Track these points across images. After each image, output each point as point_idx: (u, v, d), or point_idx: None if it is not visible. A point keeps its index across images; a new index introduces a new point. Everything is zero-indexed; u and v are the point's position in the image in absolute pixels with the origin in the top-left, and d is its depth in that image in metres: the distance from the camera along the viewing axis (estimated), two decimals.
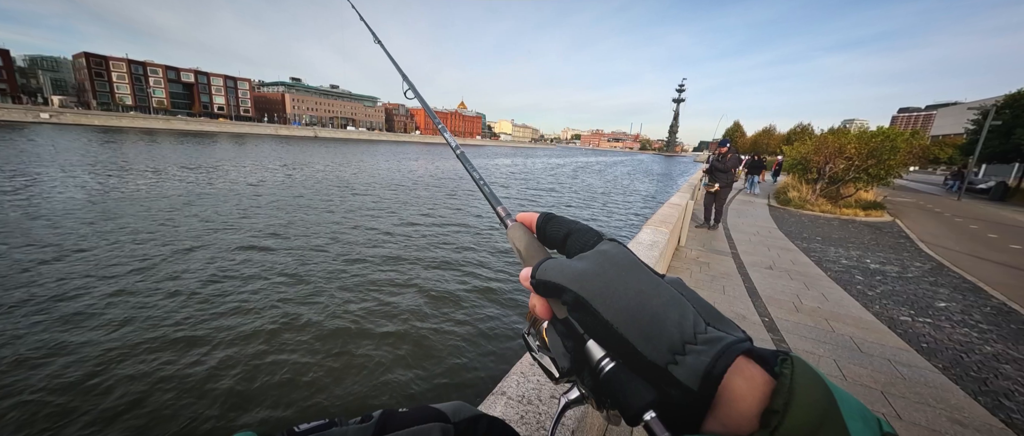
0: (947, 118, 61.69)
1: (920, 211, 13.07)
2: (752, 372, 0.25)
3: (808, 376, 0.23)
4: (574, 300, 0.29)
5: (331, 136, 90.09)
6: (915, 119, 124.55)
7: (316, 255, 7.34)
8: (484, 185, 0.50)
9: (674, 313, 0.27)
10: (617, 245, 0.33)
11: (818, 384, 0.23)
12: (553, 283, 0.31)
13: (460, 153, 0.58)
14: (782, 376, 0.24)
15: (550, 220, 0.39)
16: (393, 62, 0.80)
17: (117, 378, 3.67)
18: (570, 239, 0.36)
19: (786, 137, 46.10)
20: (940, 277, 5.49)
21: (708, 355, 0.25)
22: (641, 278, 0.29)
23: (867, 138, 11.21)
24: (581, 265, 0.31)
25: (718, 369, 0.24)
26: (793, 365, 0.24)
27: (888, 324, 3.73)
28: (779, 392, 0.23)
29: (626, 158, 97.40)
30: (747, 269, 5.21)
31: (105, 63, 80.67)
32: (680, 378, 0.25)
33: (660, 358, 0.26)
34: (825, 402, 0.22)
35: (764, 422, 0.23)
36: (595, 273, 0.30)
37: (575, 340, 0.31)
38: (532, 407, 1.07)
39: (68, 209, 9.54)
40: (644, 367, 0.27)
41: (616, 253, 0.31)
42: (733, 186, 7.59)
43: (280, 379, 3.81)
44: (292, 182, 16.91)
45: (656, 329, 0.26)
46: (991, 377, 2.89)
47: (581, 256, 0.32)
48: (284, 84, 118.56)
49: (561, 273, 0.31)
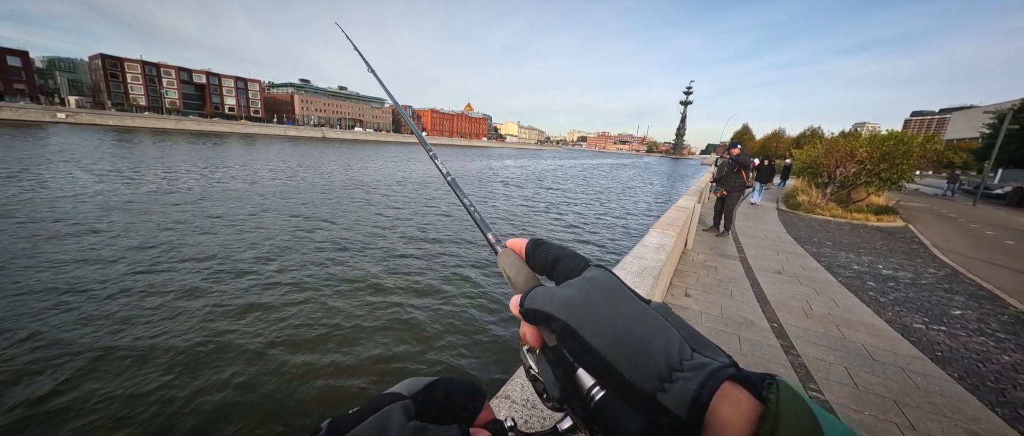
0: (962, 122, 60.61)
1: (934, 216, 12.81)
2: (739, 397, 0.25)
3: (794, 401, 0.24)
4: (562, 328, 0.29)
5: (338, 137, 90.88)
6: (928, 123, 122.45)
7: (319, 258, 7.39)
8: (475, 211, 0.49)
9: (660, 340, 0.27)
10: (603, 271, 0.33)
11: (804, 409, 0.23)
12: (541, 311, 0.31)
13: (451, 180, 0.56)
14: (768, 401, 0.24)
15: (539, 246, 0.39)
16: (385, 89, 0.82)
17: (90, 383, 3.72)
18: (559, 265, 0.36)
19: (796, 140, 45.57)
20: (955, 284, 5.36)
21: (694, 382, 0.25)
22: (627, 304, 0.29)
23: (879, 142, 11.04)
24: (568, 293, 0.31)
25: (704, 396, 0.24)
26: (779, 389, 0.24)
27: (901, 331, 3.65)
28: (766, 418, 0.23)
29: (632, 160, 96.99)
30: (755, 274, 5.13)
31: (120, 64, 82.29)
32: (668, 406, 0.25)
33: (648, 385, 0.26)
34: (811, 428, 0.22)
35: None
36: (582, 301, 0.30)
37: (565, 368, 0.31)
38: (536, 411, 1.05)
39: (106, 204, 9.73)
40: (633, 395, 0.26)
41: (602, 280, 0.32)
42: (744, 190, 7.45)
43: (281, 386, 3.83)
44: (320, 184, 17.08)
45: (643, 356, 0.26)
46: (1009, 387, 2.80)
47: (568, 283, 0.33)
48: (293, 85, 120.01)
49: (549, 301, 0.31)
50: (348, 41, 0.98)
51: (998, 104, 32.70)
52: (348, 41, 0.98)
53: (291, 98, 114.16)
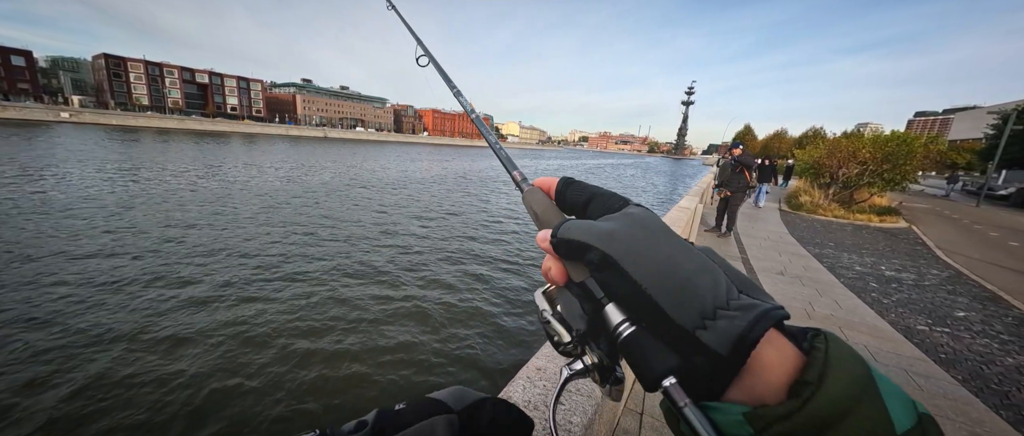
0: (965, 122, 60.33)
1: (937, 217, 12.75)
2: (783, 344, 0.25)
3: (845, 351, 0.23)
4: (601, 259, 0.28)
5: (340, 137, 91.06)
6: (932, 123, 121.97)
7: (329, 248, 7.41)
8: (500, 149, 0.49)
9: (707, 278, 0.26)
10: (646, 209, 0.32)
11: (856, 359, 0.23)
12: (577, 242, 0.30)
13: (475, 117, 0.58)
14: (816, 349, 0.23)
15: (571, 184, 0.37)
16: (407, 26, 0.77)
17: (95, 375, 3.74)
18: (593, 203, 0.34)
19: (798, 141, 45.42)
20: (958, 286, 5.34)
21: (743, 320, 0.24)
22: (672, 242, 0.28)
23: (882, 142, 11.00)
24: (608, 225, 0.30)
25: (754, 335, 0.24)
26: (827, 340, 0.24)
27: (904, 333, 3.64)
28: (812, 365, 0.23)
29: (634, 160, 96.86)
30: (757, 274, 5.12)
31: (123, 64, 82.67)
32: (709, 343, 0.24)
33: (689, 322, 0.25)
34: (864, 378, 0.22)
35: (794, 393, 0.22)
36: (624, 233, 0.28)
37: (593, 303, 0.30)
38: (538, 413, 1.05)
39: (116, 202, 9.78)
40: (670, 331, 0.26)
41: (645, 217, 0.30)
42: (747, 191, 7.44)
43: (297, 378, 3.84)
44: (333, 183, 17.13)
45: (687, 293, 0.25)
46: (1014, 390, 2.79)
47: (607, 217, 0.31)
48: (295, 85, 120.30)
49: (587, 232, 0.29)
50: (401, 21, 0.83)
51: (1002, 104, 32.57)
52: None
53: (293, 98, 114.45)
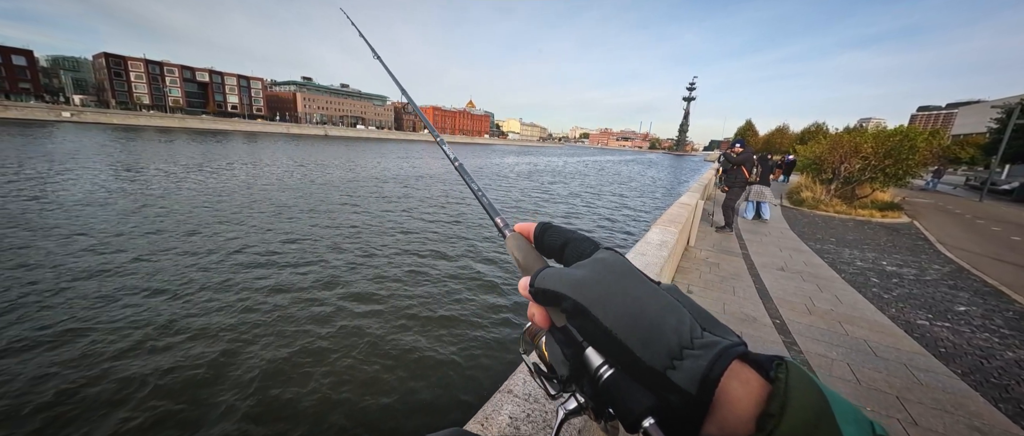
0: (969, 117, 59.89)
1: (939, 212, 12.71)
2: (748, 376, 0.25)
3: (802, 380, 0.24)
4: (573, 307, 0.30)
5: (341, 134, 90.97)
6: (935, 118, 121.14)
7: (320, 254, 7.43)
8: (483, 196, 0.50)
9: (672, 319, 0.28)
10: (614, 253, 0.34)
11: (812, 388, 0.24)
12: (552, 291, 0.31)
13: (458, 165, 0.59)
14: (777, 380, 0.24)
15: (548, 230, 0.39)
16: (392, 76, 0.79)
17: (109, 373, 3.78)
18: (568, 248, 0.37)
19: (800, 136, 45.15)
20: (960, 280, 5.33)
21: (705, 359, 0.25)
22: (638, 285, 0.30)
23: (884, 137, 10.94)
24: (579, 273, 0.31)
25: (715, 372, 0.25)
26: (788, 369, 0.24)
27: (905, 328, 3.64)
28: (775, 396, 0.23)
29: (635, 157, 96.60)
30: (758, 270, 5.12)
31: (124, 63, 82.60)
32: (678, 383, 0.25)
33: (659, 363, 0.26)
34: (819, 405, 0.23)
35: (760, 426, 0.23)
36: (593, 280, 0.30)
37: (574, 348, 0.32)
38: (538, 405, 1.07)
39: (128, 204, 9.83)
40: (643, 373, 0.27)
41: (613, 261, 0.32)
42: (745, 187, 7.43)
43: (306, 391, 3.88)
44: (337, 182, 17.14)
45: (654, 335, 0.27)
46: (1013, 384, 2.80)
47: (579, 264, 0.33)
48: (296, 83, 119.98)
49: (560, 281, 0.31)
50: (353, 26, 0.91)
51: (1006, 99, 32.28)
52: (353, 26, 0.91)
53: (294, 96, 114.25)
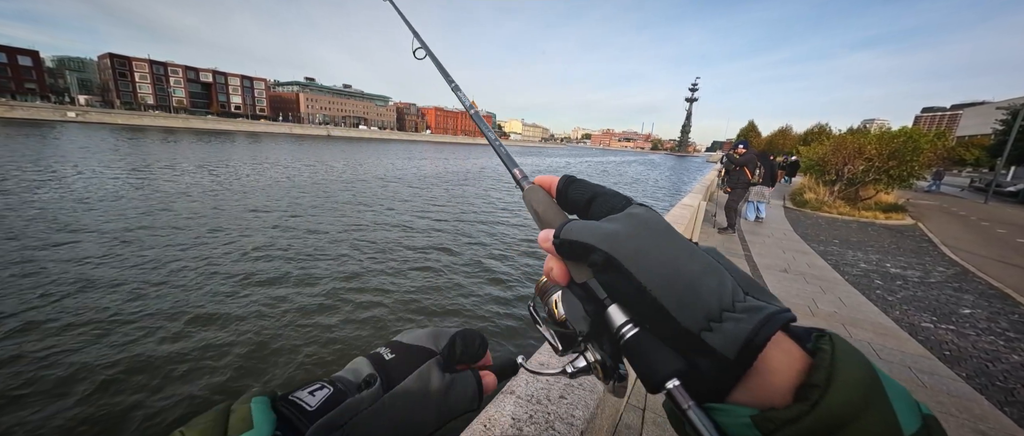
0: (974, 118, 59.53)
1: (944, 214, 12.63)
2: (789, 346, 0.24)
3: (850, 353, 0.23)
4: (604, 261, 0.28)
5: (343, 135, 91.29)
6: (940, 119, 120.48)
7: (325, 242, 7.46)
8: (500, 146, 0.48)
9: (712, 280, 0.26)
10: (649, 209, 0.31)
11: (863, 361, 0.22)
12: (581, 243, 0.29)
13: (474, 113, 0.58)
14: (821, 351, 0.23)
15: (572, 183, 0.36)
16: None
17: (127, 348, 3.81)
18: (596, 202, 0.34)
19: (803, 137, 44.97)
20: (964, 283, 5.30)
21: (750, 323, 0.24)
22: (676, 243, 0.28)
23: (888, 139, 10.89)
24: (612, 226, 0.29)
25: (761, 338, 0.23)
26: (833, 341, 0.23)
27: (909, 330, 3.62)
28: (818, 367, 0.22)
29: (637, 158, 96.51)
30: (761, 272, 5.11)
31: (128, 63, 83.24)
32: (714, 345, 0.24)
33: (695, 325, 0.24)
34: (870, 380, 0.22)
35: (800, 396, 0.22)
36: (628, 235, 0.28)
37: (595, 305, 0.30)
38: (541, 407, 1.07)
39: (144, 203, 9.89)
40: (675, 333, 0.25)
41: (649, 217, 0.30)
42: (747, 188, 7.41)
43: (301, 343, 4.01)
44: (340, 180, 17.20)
45: (692, 295, 0.25)
46: (1019, 387, 2.78)
47: (611, 218, 0.31)
48: (299, 84, 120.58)
49: (590, 233, 0.29)
50: (403, 21, 0.83)
51: (1011, 100, 32.09)
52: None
53: (297, 96, 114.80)
